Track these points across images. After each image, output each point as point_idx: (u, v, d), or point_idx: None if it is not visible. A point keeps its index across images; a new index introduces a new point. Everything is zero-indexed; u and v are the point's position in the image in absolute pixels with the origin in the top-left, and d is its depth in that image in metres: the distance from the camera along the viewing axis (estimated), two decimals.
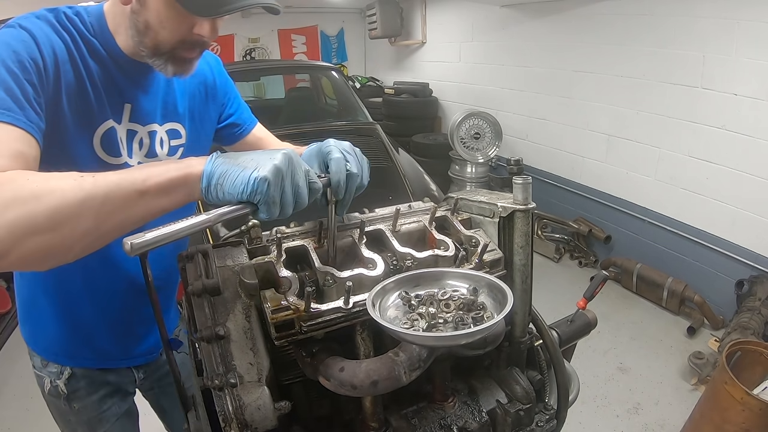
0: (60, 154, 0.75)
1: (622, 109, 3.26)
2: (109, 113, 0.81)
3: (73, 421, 1.05)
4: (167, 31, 0.75)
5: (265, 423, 0.56)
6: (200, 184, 0.61)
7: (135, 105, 0.86)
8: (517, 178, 0.75)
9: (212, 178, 0.60)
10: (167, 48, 0.77)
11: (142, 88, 0.87)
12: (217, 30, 0.79)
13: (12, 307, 3.00)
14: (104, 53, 0.80)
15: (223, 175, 0.60)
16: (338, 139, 0.74)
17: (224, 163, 0.61)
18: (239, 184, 0.58)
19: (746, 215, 2.67)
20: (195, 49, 0.80)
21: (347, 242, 0.74)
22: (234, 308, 0.63)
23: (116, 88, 0.83)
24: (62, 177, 0.57)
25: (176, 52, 0.78)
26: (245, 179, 0.58)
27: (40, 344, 1.01)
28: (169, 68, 0.80)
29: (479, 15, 4.39)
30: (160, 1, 0.73)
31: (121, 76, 0.83)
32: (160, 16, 0.74)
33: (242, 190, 0.58)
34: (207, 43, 0.80)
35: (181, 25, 0.75)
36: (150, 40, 0.77)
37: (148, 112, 0.88)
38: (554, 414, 0.83)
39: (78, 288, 0.93)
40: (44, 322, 0.98)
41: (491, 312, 0.62)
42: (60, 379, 1.00)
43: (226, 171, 0.60)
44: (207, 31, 0.77)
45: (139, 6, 0.75)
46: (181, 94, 0.95)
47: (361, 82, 5.90)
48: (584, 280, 3.27)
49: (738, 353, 1.95)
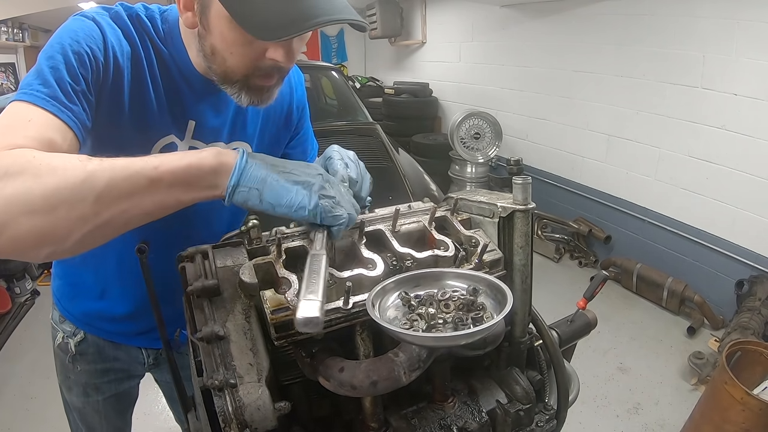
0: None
1: (622, 109, 3.26)
2: (171, 128, 0.77)
3: (72, 379, 1.07)
4: (236, 58, 0.68)
5: (265, 423, 0.56)
6: (229, 181, 0.56)
7: (200, 122, 0.80)
8: (516, 178, 0.75)
9: (244, 178, 0.56)
10: (239, 76, 0.69)
11: (210, 105, 0.81)
12: (293, 53, 0.69)
13: (12, 307, 3.00)
14: (173, 65, 0.76)
15: (261, 180, 0.56)
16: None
17: (260, 167, 0.57)
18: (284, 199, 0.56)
19: (746, 215, 2.67)
20: (272, 76, 0.72)
21: (347, 242, 0.74)
22: (234, 309, 0.63)
23: (181, 103, 0.78)
24: (68, 157, 0.53)
25: (250, 81, 0.70)
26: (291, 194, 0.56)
27: (65, 304, 1.02)
28: (243, 97, 0.72)
29: (479, 15, 4.39)
30: (223, 23, 0.65)
31: (187, 91, 0.78)
32: (225, 40, 0.66)
33: (289, 206, 0.56)
34: (285, 69, 0.71)
35: (250, 50, 0.67)
36: (218, 66, 0.70)
37: (213, 131, 0.83)
38: (554, 414, 0.83)
39: (112, 270, 0.93)
40: (74, 287, 0.99)
41: (491, 312, 0.62)
42: (72, 338, 1.02)
43: (265, 176, 0.56)
44: (281, 55, 0.67)
45: (204, 30, 0.68)
46: (253, 113, 0.89)
47: (361, 82, 5.90)
48: (584, 280, 3.27)
49: (738, 353, 1.95)
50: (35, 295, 3.23)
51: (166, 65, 0.75)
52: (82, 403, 1.09)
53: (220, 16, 0.64)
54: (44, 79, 0.61)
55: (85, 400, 1.08)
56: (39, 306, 3.15)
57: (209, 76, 0.75)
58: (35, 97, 0.59)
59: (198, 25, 0.68)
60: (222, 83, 0.72)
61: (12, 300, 3.05)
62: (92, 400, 1.08)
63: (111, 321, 1.00)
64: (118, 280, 0.94)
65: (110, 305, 0.97)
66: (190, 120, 0.79)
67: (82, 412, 1.10)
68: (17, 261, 3.14)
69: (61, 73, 0.62)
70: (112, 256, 0.91)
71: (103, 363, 1.05)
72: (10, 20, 3.67)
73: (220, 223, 0.95)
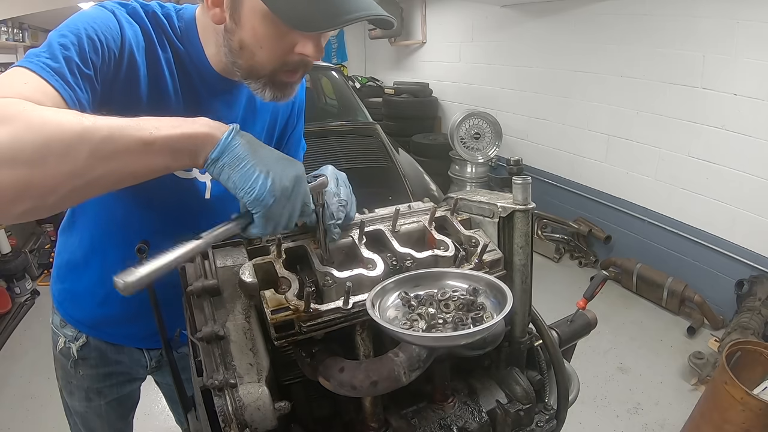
0: None
1: (622, 109, 3.26)
2: None
3: (73, 384, 1.06)
4: (265, 51, 0.68)
5: (265, 423, 0.56)
6: (211, 153, 0.57)
7: (211, 119, 0.83)
8: (516, 178, 0.75)
9: (225, 153, 0.56)
10: (266, 71, 0.70)
11: (223, 102, 0.82)
12: (322, 49, 0.70)
13: (12, 307, 3.00)
14: (189, 62, 0.76)
15: (237, 159, 0.56)
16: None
17: (242, 147, 0.57)
18: (247, 183, 0.56)
19: (746, 215, 2.67)
20: (297, 72, 0.73)
21: (347, 242, 0.74)
22: (234, 308, 0.63)
23: (196, 100, 0.79)
24: (62, 111, 0.52)
25: (276, 76, 0.71)
26: (255, 183, 0.56)
27: (67, 308, 1.01)
28: (267, 93, 0.73)
29: (479, 15, 4.39)
30: (256, 17, 0.65)
31: (202, 89, 0.79)
32: (256, 34, 0.67)
33: (248, 191, 0.56)
34: (310, 63, 0.72)
35: (281, 44, 0.68)
36: (245, 61, 0.70)
37: None
38: (554, 414, 0.83)
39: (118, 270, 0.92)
40: (76, 292, 0.98)
41: (491, 312, 0.62)
42: (74, 343, 1.01)
43: (241, 157, 0.57)
44: (311, 49, 0.68)
45: (234, 24, 0.68)
46: (262, 111, 0.91)
47: (361, 82, 5.89)
48: (584, 280, 3.27)
49: (738, 353, 1.95)
50: (35, 295, 3.23)
51: (182, 62, 0.76)
52: (84, 408, 1.08)
53: (254, 11, 0.65)
54: (53, 54, 0.60)
55: (87, 404, 1.07)
56: (39, 306, 3.15)
57: (228, 73, 0.76)
58: (40, 67, 0.58)
59: (226, 20, 0.69)
60: (247, 78, 0.73)
61: (12, 300, 3.05)
62: (94, 404, 1.07)
63: (114, 324, 0.99)
64: (120, 311, 0.94)
65: (113, 309, 0.96)
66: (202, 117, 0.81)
67: (84, 417, 1.10)
68: (17, 261, 3.15)
69: (71, 53, 0.61)
70: (116, 260, 0.90)
71: (105, 367, 1.04)
72: (10, 20, 3.67)
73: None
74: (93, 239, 0.92)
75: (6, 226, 3.27)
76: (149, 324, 0.96)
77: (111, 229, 0.88)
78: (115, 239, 0.88)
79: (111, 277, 0.82)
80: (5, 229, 3.23)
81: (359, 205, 0.82)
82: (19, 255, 3.22)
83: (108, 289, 0.93)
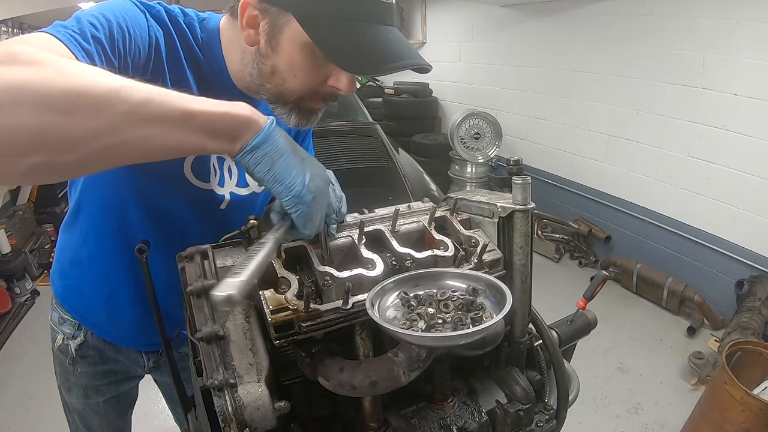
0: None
1: (622, 109, 3.26)
2: None
3: (71, 381, 1.06)
4: (298, 81, 0.68)
5: (265, 423, 0.56)
6: (253, 138, 0.54)
7: None
8: (516, 178, 0.75)
9: (267, 142, 0.54)
10: (294, 97, 0.70)
11: None
12: (354, 83, 0.70)
13: (12, 307, 3.00)
14: (209, 73, 0.75)
15: (279, 151, 0.55)
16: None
17: (283, 139, 0.55)
18: (288, 178, 0.54)
19: (746, 215, 2.67)
20: (324, 101, 0.73)
21: (346, 242, 0.74)
22: (233, 308, 0.63)
23: None
24: (99, 69, 0.48)
25: (303, 103, 0.71)
26: (296, 178, 0.55)
27: (73, 304, 1.01)
28: (293, 119, 0.73)
29: (479, 15, 4.39)
30: (295, 46, 0.64)
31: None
32: (293, 63, 0.66)
33: (288, 186, 0.55)
34: (338, 96, 0.72)
35: (316, 75, 0.68)
36: (275, 86, 0.69)
37: None
38: (554, 414, 0.83)
39: (123, 272, 0.91)
40: (82, 286, 0.98)
41: (490, 312, 0.62)
42: (73, 340, 1.01)
43: (283, 150, 0.55)
44: (344, 84, 0.68)
45: (269, 49, 0.67)
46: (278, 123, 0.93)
47: (361, 82, 5.88)
48: (584, 280, 3.27)
49: (738, 353, 1.95)
50: (35, 295, 3.23)
51: (201, 72, 0.75)
52: (82, 405, 1.08)
53: (294, 39, 0.64)
54: (82, 30, 0.56)
55: (85, 401, 1.08)
56: (39, 306, 3.15)
57: (252, 92, 0.74)
58: (69, 39, 0.54)
59: (260, 44, 0.67)
60: (273, 102, 0.72)
61: (12, 300, 3.05)
62: (92, 401, 1.08)
63: (118, 324, 0.99)
64: (124, 285, 0.94)
65: (118, 308, 0.96)
66: None
67: (82, 414, 1.10)
68: (17, 261, 3.15)
69: (100, 34, 0.58)
70: (123, 260, 0.90)
71: (103, 365, 1.05)
72: (10, 20, 3.67)
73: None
74: (100, 239, 0.91)
75: (6, 226, 3.27)
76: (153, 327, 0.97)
77: (119, 231, 0.88)
78: (123, 241, 0.88)
79: (116, 275, 0.80)
80: (5, 229, 3.23)
81: (359, 205, 0.82)
82: (19, 255, 3.22)
83: (112, 288, 0.94)
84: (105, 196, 0.85)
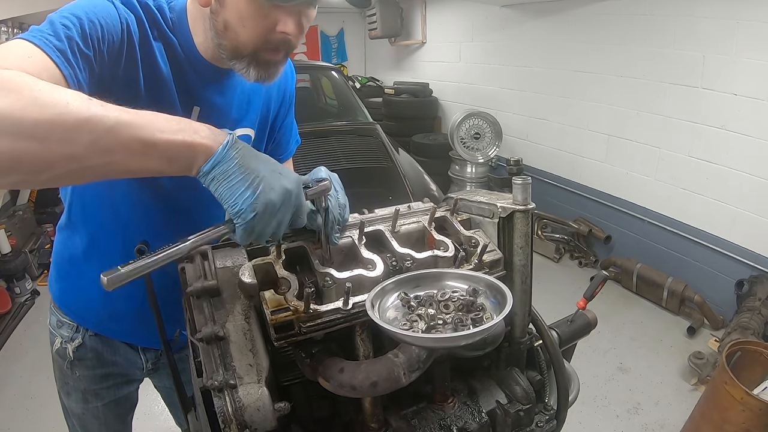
0: None
1: (622, 109, 3.26)
2: (180, 110, 0.79)
3: (70, 385, 1.06)
4: (248, 30, 0.72)
5: (265, 424, 0.56)
6: (203, 165, 0.57)
7: (204, 108, 0.83)
8: (516, 178, 0.75)
9: (216, 167, 0.57)
10: (249, 50, 0.73)
11: (215, 92, 0.84)
12: (303, 28, 0.74)
13: (12, 307, 3.00)
14: (181, 52, 0.79)
15: (226, 173, 0.57)
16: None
17: (234, 160, 0.57)
18: (232, 198, 0.56)
19: (746, 215, 2.67)
20: (280, 51, 0.76)
21: (347, 243, 0.74)
22: (233, 309, 0.63)
23: (187, 90, 0.81)
24: (71, 92, 0.52)
25: (259, 55, 0.74)
26: (240, 198, 0.56)
27: (71, 305, 1.01)
28: (251, 72, 0.76)
29: (479, 15, 4.39)
30: None
31: (194, 78, 0.81)
32: (240, 13, 0.70)
33: (231, 205, 0.57)
34: (292, 43, 0.75)
35: (264, 23, 0.71)
36: (229, 41, 0.73)
37: (218, 118, 0.84)
38: (554, 414, 0.83)
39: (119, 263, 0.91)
40: (80, 285, 0.98)
41: (490, 313, 0.62)
42: (71, 343, 1.01)
43: (230, 171, 0.57)
44: (292, 27, 0.72)
45: (219, 5, 0.72)
46: (255, 98, 0.93)
47: (361, 82, 5.89)
48: (584, 280, 3.27)
49: (738, 353, 1.95)
50: (35, 295, 3.23)
51: (174, 52, 0.78)
52: (82, 410, 1.08)
53: None
54: (55, 31, 0.61)
55: (84, 406, 1.08)
56: (39, 306, 3.15)
57: (217, 60, 0.79)
58: (44, 42, 0.59)
59: (212, 2, 0.72)
60: (231, 59, 0.75)
61: (12, 300, 3.05)
62: (91, 406, 1.08)
63: (118, 320, 0.99)
64: (123, 305, 0.94)
65: (117, 303, 0.96)
66: (195, 106, 0.82)
67: (81, 419, 1.10)
68: (17, 261, 3.15)
69: (72, 32, 0.62)
70: (119, 254, 0.90)
71: (101, 368, 1.05)
72: (10, 20, 3.67)
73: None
74: (94, 235, 0.92)
75: (6, 226, 3.27)
76: (152, 321, 0.97)
77: (114, 226, 0.89)
78: (117, 235, 0.89)
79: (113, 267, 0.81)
80: (5, 229, 3.23)
81: (359, 205, 0.82)
82: (19, 255, 3.22)
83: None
84: (94, 189, 0.86)
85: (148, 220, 0.88)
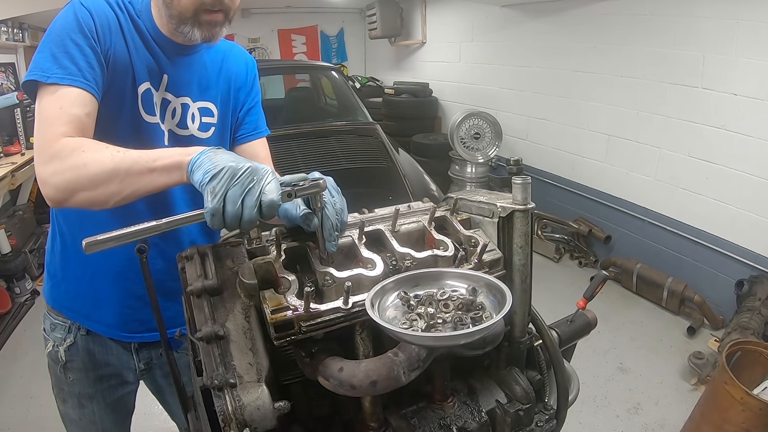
0: (113, 100, 0.88)
1: (622, 109, 3.26)
2: (148, 77, 0.92)
3: (66, 390, 1.07)
4: None
5: (265, 423, 0.56)
6: (187, 169, 0.70)
7: (171, 77, 0.95)
8: (516, 178, 0.75)
9: (195, 165, 0.69)
10: (190, 12, 0.85)
11: (180, 65, 0.96)
12: None
13: (12, 307, 3.00)
14: (147, 33, 0.92)
15: (199, 164, 0.67)
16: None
17: (205, 156, 0.67)
18: (200, 171, 0.65)
19: (746, 215, 2.67)
20: (216, 13, 0.87)
21: (346, 242, 0.74)
22: (233, 308, 0.63)
23: (156, 62, 0.93)
24: (103, 150, 0.74)
25: (200, 17, 0.86)
26: (205, 168, 0.64)
27: (62, 300, 1.04)
28: (196, 33, 0.87)
29: (479, 15, 4.39)
30: None
31: (161, 54, 0.94)
32: None
33: (198, 180, 0.65)
34: (225, 3, 0.86)
35: None
36: (174, 9, 0.86)
37: (183, 87, 0.97)
38: (554, 414, 0.83)
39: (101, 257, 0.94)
40: (66, 275, 1.02)
41: (490, 312, 0.62)
42: (62, 345, 1.03)
43: (201, 161, 0.67)
44: None
45: None
46: (215, 77, 1.03)
47: (361, 82, 5.89)
48: (584, 280, 3.27)
49: (738, 353, 1.95)
50: (35, 295, 3.23)
51: (142, 33, 0.92)
52: (78, 415, 1.09)
53: None
54: (59, 62, 0.79)
55: (80, 411, 1.08)
56: (39, 306, 3.14)
57: (172, 34, 0.91)
58: (60, 78, 0.78)
59: None
60: (179, 25, 0.87)
61: (12, 300, 3.05)
62: (87, 410, 1.08)
63: (107, 308, 1.01)
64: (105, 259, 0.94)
65: (103, 287, 0.99)
66: (164, 74, 0.95)
67: (79, 425, 1.10)
68: (17, 261, 3.16)
69: (72, 53, 0.79)
70: (108, 268, 0.97)
71: (94, 370, 1.05)
72: (10, 20, 3.67)
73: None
74: (74, 218, 0.97)
75: (6, 226, 3.27)
76: (137, 311, 1.00)
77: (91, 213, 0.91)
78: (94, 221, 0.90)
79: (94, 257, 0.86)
80: (5, 229, 3.23)
81: (359, 205, 0.82)
82: (19, 255, 3.22)
83: (94, 267, 0.98)
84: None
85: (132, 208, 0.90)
